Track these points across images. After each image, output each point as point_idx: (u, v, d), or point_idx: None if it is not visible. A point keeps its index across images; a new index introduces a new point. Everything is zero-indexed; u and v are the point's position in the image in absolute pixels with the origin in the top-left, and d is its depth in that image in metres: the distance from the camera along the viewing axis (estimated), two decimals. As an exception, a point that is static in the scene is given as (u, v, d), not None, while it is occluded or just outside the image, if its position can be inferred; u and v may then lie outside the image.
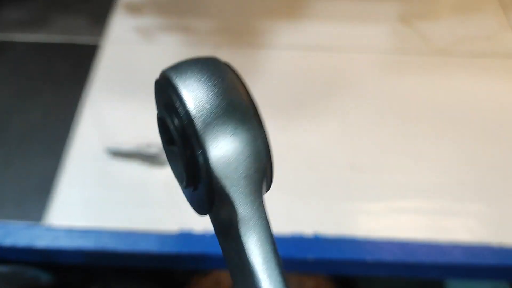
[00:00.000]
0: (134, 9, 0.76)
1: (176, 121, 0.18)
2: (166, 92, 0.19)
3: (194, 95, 0.18)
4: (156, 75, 0.76)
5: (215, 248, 0.51)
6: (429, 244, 0.51)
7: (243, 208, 0.18)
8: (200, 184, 0.18)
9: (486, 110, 0.63)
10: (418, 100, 0.64)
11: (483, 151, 0.59)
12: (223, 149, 0.17)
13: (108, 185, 0.56)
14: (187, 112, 0.17)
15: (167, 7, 0.76)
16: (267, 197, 0.60)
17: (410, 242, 0.51)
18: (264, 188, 0.19)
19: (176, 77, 0.18)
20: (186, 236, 0.51)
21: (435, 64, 0.68)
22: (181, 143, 0.18)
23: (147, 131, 0.60)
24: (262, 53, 0.70)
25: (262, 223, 0.18)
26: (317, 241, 0.51)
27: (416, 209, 0.54)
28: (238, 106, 0.18)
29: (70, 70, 0.69)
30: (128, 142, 0.58)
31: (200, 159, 0.18)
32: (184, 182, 0.19)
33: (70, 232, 0.51)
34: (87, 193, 0.55)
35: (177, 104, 0.18)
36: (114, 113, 0.63)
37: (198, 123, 0.17)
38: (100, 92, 0.65)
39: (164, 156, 0.57)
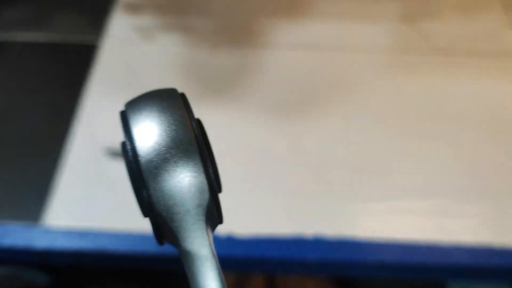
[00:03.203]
0: (133, 9, 0.76)
1: (128, 157, 0.19)
2: (123, 126, 0.20)
3: (141, 133, 0.19)
4: (155, 74, 0.75)
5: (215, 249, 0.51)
6: (431, 245, 0.50)
7: (183, 242, 0.18)
8: (149, 218, 0.19)
9: (488, 110, 0.63)
10: (419, 99, 0.64)
11: (485, 152, 0.58)
12: (164, 185, 0.18)
13: (106, 185, 0.55)
14: (133, 149, 0.19)
15: (166, 6, 0.76)
16: (268, 198, 0.59)
17: (412, 243, 0.50)
18: (209, 223, 0.19)
19: (129, 113, 0.20)
20: (185, 237, 0.51)
21: (436, 64, 0.68)
22: (130, 178, 0.19)
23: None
24: (262, 53, 0.69)
25: (203, 258, 0.19)
26: (318, 242, 0.50)
27: (418, 210, 0.53)
28: (181, 143, 0.19)
29: (69, 69, 0.69)
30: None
31: (144, 194, 0.19)
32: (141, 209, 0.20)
33: (69, 233, 0.51)
34: (85, 193, 0.55)
35: (126, 140, 0.19)
36: (113, 113, 0.62)
37: (142, 160, 0.18)
38: (99, 92, 0.65)
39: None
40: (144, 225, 0.52)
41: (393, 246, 0.50)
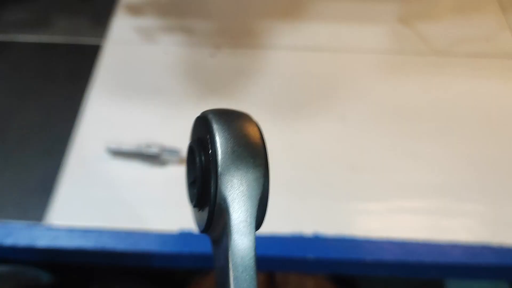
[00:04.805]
0: (135, 10, 0.76)
1: (203, 156, 0.23)
2: (202, 130, 0.23)
3: (224, 142, 0.22)
4: (157, 75, 0.76)
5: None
6: (429, 244, 0.51)
7: (235, 235, 0.22)
8: (206, 207, 0.23)
9: (485, 110, 0.63)
10: (417, 100, 0.64)
11: (482, 151, 0.59)
12: (231, 184, 0.22)
13: (108, 185, 0.56)
14: (215, 153, 0.22)
15: (167, 8, 0.77)
16: (268, 197, 0.59)
17: (410, 241, 0.51)
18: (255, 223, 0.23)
19: (214, 122, 0.23)
20: (186, 236, 0.51)
21: (434, 65, 0.68)
22: (201, 173, 0.23)
23: (147, 131, 0.60)
24: (262, 54, 0.70)
25: (249, 237, 0.22)
26: (317, 241, 0.51)
27: (416, 209, 0.54)
28: (253, 156, 0.22)
29: (72, 70, 0.69)
30: (129, 142, 0.58)
31: (213, 189, 0.22)
32: (194, 202, 0.24)
33: (71, 231, 0.51)
34: (87, 193, 0.55)
35: (210, 145, 0.22)
36: (115, 113, 0.63)
37: (220, 164, 0.22)
38: (101, 92, 0.65)
39: (164, 156, 0.57)
40: (145, 225, 0.52)
41: (392, 245, 0.50)
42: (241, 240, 0.21)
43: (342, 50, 0.70)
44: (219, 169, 0.22)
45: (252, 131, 0.23)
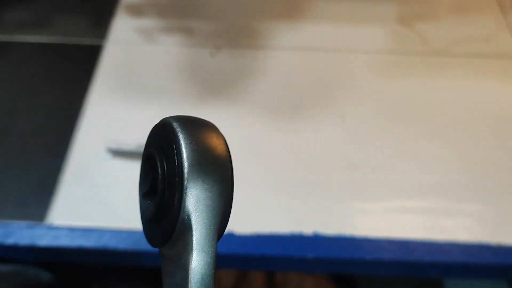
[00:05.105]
0: (136, 11, 0.76)
1: (165, 164, 0.22)
2: (165, 139, 0.22)
3: (190, 153, 0.21)
4: (158, 75, 0.76)
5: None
6: (428, 243, 0.51)
7: (195, 253, 0.21)
8: (166, 220, 0.21)
9: (484, 110, 0.63)
10: (416, 100, 0.64)
11: (482, 151, 0.59)
12: (197, 198, 0.21)
13: (109, 184, 0.56)
14: (181, 166, 0.21)
15: (168, 8, 0.77)
16: (268, 196, 0.60)
17: (409, 241, 0.51)
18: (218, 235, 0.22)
19: (180, 132, 0.22)
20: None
21: (434, 65, 0.68)
22: (163, 183, 0.22)
23: (148, 131, 0.60)
24: (262, 54, 0.70)
25: (211, 255, 0.21)
26: (317, 240, 0.51)
27: (415, 209, 0.54)
28: (220, 169, 0.22)
29: (72, 70, 0.69)
30: (129, 142, 0.58)
31: (177, 203, 0.21)
32: (150, 215, 0.23)
33: (71, 231, 0.52)
34: (88, 192, 0.56)
35: (175, 156, 0.21)
36: (116, 113, 0.63)
37: (187, 178, 0.21)
38: (101, 93, 0.65)
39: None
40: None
41: (391, 244, 0.51)
42: (203, 258, 0.21)
43: (342, 50, 0.70)
44: (185, 182, 0.21)
45: (218, 143, 0.22)
